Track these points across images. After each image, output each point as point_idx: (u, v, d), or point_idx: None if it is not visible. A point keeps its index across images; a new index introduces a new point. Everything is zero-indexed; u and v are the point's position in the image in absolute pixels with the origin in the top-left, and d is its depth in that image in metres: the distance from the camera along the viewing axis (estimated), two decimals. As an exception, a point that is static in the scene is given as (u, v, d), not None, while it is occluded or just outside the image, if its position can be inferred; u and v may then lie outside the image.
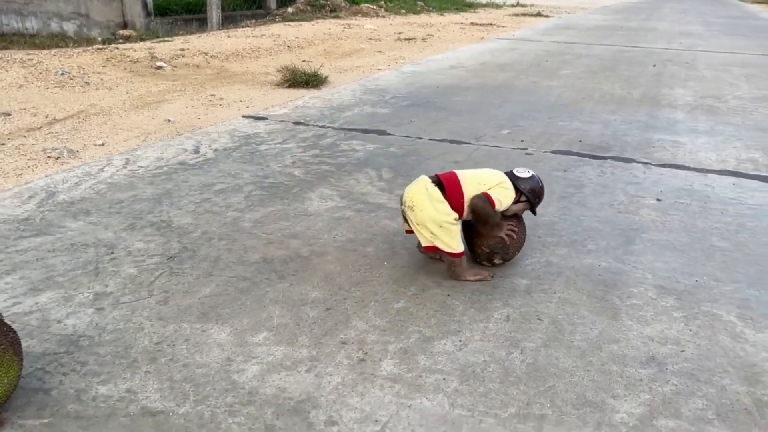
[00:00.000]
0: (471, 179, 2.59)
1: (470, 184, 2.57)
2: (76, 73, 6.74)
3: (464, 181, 2.58)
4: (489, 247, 2.66)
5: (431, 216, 2.52)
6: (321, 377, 1.99)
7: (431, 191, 2.54)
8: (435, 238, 2.54)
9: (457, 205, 2.55)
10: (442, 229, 2.51)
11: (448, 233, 2.52)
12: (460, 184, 2.57)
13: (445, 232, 2.52)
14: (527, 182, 2.66)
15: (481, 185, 2.56)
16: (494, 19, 16.62)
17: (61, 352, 2.07)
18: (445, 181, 2.58)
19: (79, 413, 1.79)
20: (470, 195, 2.54)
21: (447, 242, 2.53)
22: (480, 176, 2.62)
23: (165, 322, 2.26)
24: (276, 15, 15.23)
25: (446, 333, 2.25)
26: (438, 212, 2.52)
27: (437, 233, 2.52)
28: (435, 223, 2.51)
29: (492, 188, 2.57)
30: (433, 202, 2.52)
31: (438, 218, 2.51)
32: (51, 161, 3.99)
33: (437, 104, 6.08)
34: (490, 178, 2.61)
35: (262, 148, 4.44)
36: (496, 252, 2.67)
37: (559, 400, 1.91)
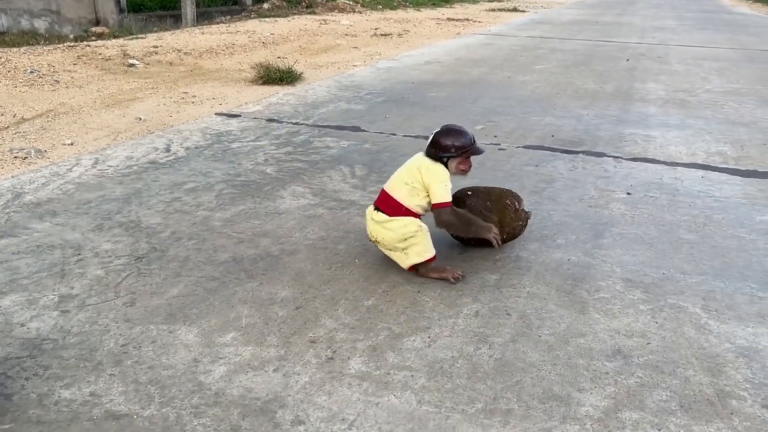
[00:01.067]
0: (397, 185, 2.56)
1: (400, 191, 2.54)
2: (46, 72, 6.63)
3: (395, 192, 2.56)
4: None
5: (393, 238, 2.51)
6: (289, 377, 1.98)
7: (377, 218, 2.55)
8: (407, 253, 2.53)
9: (407, 212, 2.53)
10: (409, 240, 2.50)
11: (416, 241, 2.50)
12: (394, 199, 2.54)
13: (412, 242, 2.50)
14: (434, 145, 2.55)
15: (408, 185, 2.53)
16: (471, 15, 16.65)
17: (23, 356, 2.03)
18: (382, 204, 2.58)
19: (41, 418, 1.76)
20: (408, 200, 2.52)
21: (419, 252, 2.52)
22: (400, 176, 2.58)
23: (131, 324, 2.23)
24: (251, 11, 15.10)
25: (415, 330, 2.25)
26: (395, 230, 2.50)
27: (406, 247, 2.52)
28: (400, 240, 2.51)
29: (429, 188, 2.51)
30: (385, 227, 2.52)
31: (399, 235, 2.50)
32: (18, 161, 3.92)
33: (412, 100, 6.08)
34: (410, 175, 2.55)
35: (235, 146, 4.40)
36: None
37: (526, 394, 1.92)
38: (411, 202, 2.54)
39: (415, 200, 2.54)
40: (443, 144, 2.54)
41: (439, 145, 2.54)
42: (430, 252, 2.55)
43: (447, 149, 2.54)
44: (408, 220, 2.52)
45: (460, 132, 2.58)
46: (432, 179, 2.51)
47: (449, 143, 2.54)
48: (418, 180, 2.52)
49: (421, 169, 2.54)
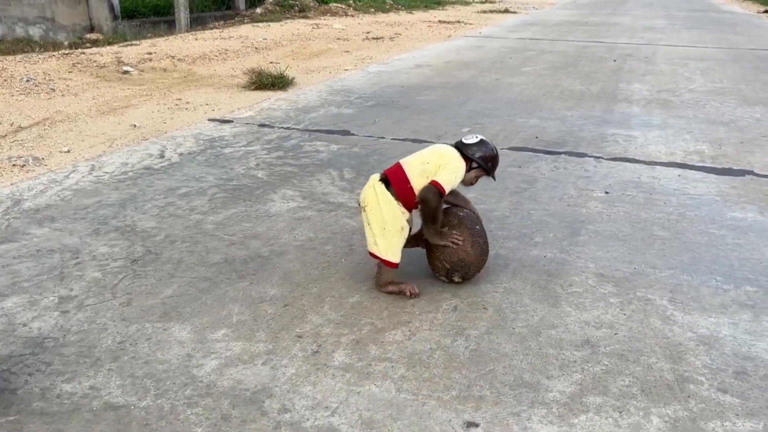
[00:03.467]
0: (414, 162, 2.57)
1: (414, 168, 2.54)
2: (42, 80, 6.75)
3: (408, 168, 2.55)
4: (450, 263, 2.59)
5: (378, 218, 2.54)
6: (276, 369, 2.11)
7: (378, 190, 2.56)
8: (378, 239, 2.56)
9: (407, 195, 2.53)
10: (385, 232, 2.53)
11: (390, 237, 2.54)
12: (404, 173, 2.54)
13: (387, 235, 2.53)
14: (475, 148, 2.59)
15: (425, 164, 2.53)
16: (462, 17, 16.81)
17: (26, 353, 2.16)
18: (390, 175, 2.58)
19: (44, 410, 1.89)
20: (416, 179, 2.52)
21: (385, 248, 2.54)
22: (422, 156, 2.59)
23: (128, 323, 2.36)
24: (245, 16, 15.23)
25: (397, 324, 2.39)
26: (384, 213, 2.53)
27: (379, 236, 2.54)
28: (380, 225, 2.54)
29: (439, 170, 2.51)
30: (381, 204, 2.54)
31: (383, 220, 2.53)
32: (16, 169, 4.04)
33: (401, 104, 6.22)
34: (432, 155, 2.57)
35: (227, 151, 4.53)
36: (456, 270, 2.60)
37: (498, 382, 2.06)
38: (418, 182, 2.52)
39: (422, 181, 2.51)
40: (486, 155, 2.60)
41: (482, 155, 2.59)
42: (395, 257, 2.55)
43: (486, 160, 2.61)
44: (399, 214, 2.53)
45: (497, 152, 2.68)
46: (450, 165, 2.53)
47: (488, 156, 2.62)
48: (435, 163, 2.53)
49: (443, 155, 2.56)
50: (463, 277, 2.64)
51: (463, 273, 2.63)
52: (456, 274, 2.63)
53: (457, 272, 2.62)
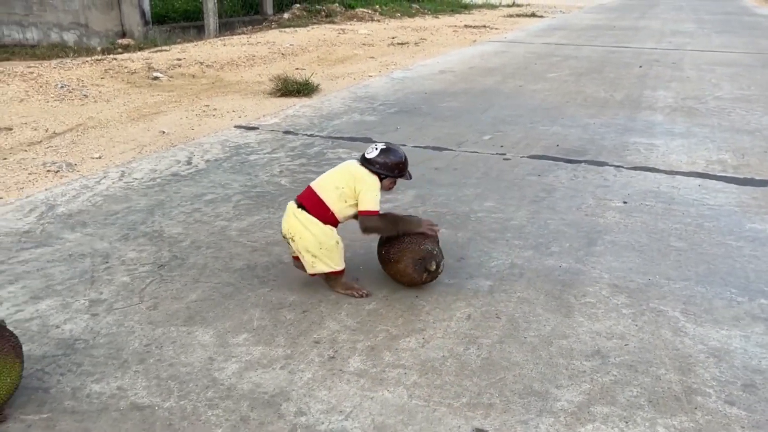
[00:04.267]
0: (328, 187, 2.63)
1: (330, 194, 2.60)
2: (75, 86, 6.97)
3: (323, 193, 2.62)
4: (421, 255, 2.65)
5: (310, 242, 2.59)
6: (294, 373, 2.20)
7: (300, 217, 2.61)
8: (316, 261, 2.62)
9: (327, 218, 2.60)
10: (323, 251, 2.60)
11: (329, 253, 2.61)
12: (319, 198, 2.61)
13: (326, 252, 2.60)
14: (379, 161, 2.63)
15: (340, 189, 2.60)
16: (488, 21, 16.81)
17: (58, 354, 2.28)
18: (305, 201, 2.65)
19: (75, 408, 2.00)
20: (335, 204, 2.59)
21: (328, 263, 2.62)
22: (333, 180, 2.65)
23: (154, 326, 2.47)
24: (272, 21, 15.45)
25: (411, 331, 2.46)
26: (315, 236, 2.59)
27: (319, 255, 2.60)
28: (316, 246, 2.60)
29: (359, 195, 2.58)
30: (307, 227, 2.59)
31: (317, 241, 2.58)
32: (51, 175, 4.21)
33: (423, 110, 6.29)
34: (344, 178, 2.62)
35: (252, 158, 4.65)
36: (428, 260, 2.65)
37: (508, 390, 2.11)
38: (336, 207, 2.60)
39: (341, 206, 2.60)
40: (389, 164, 2.63)
41: (385, 165, 2.63)
42: (339, 265, 2.65)
43: (391, 169, 2.64)
44: (329, 230, 2.60)
45: (401, 154, 2.69)
46: (366, 188, 2.59)
47: (394, 164, 2.64)
48: (350, 186, 2.59)
49: (356, 177, 2.61)
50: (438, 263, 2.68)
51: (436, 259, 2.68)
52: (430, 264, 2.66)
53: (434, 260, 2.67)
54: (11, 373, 1.91)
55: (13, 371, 1.92)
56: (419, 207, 3.71)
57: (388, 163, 2.64)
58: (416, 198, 3.86)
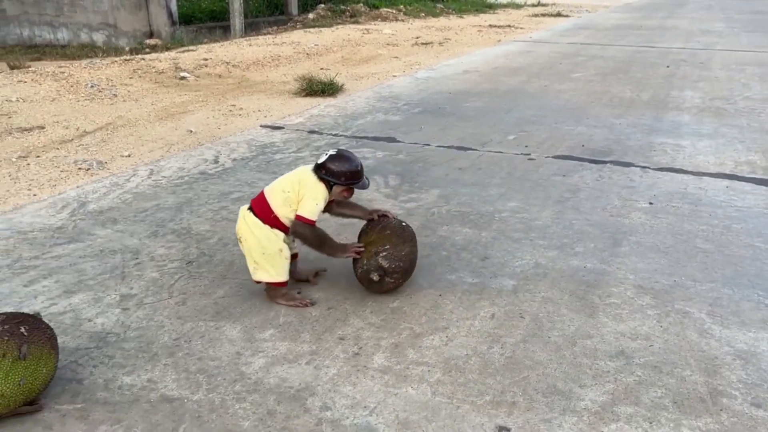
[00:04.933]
0: (276, 191, 2.58)
1: (276, 197, 2.56)
2: (105, 86, 7.10)
3: (271, 197, 2.57)
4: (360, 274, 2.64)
5: (254, 245, 2.56)
6: (319, 369, 2.23)
7: (248, 219, 2.58)
8: (258, 267, 2.58)
9: (274, 223, 2.56)
10: (266, 257, 2.55)
11: (272, 260, 2.56)
12: (266, 201, 2.57)
13: (268, 259, 2.56)
14: (328, 168, 2.57)
15: (286, 193, 2.55)
16: (513, 21, 16.73)
17: (91, 347, 2.34)
18: (255, 205, 2.61)
19: (107, 400, 2.06)
20: (279, 208, 2.55)
21: (269, 271, 2.57)
22: (282, 184, 2.60)
23: (183, 321, 2.52)
24: (297, 21, 15.56)
25: (435, 330, 2.48)
26: (258, 240, 2.55)
27: (260, 261, 2.57)
28: (258, 251, 2.56)
29: (302, 200, 2.54)
30: (253, 230, 2.56)
31: (260, 246, 2.55)
32: (82, 172, 4.31)
33: (447, 110, 6.30)
34: (291, 183, 2.57)
35: (278, 157, 4.71)
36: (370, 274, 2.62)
37: (531, 389, 2.12)
38: (282, 212, 2.55)
39: (286, 210, 2.55)
40: (336, 171, 2.56)
41: (332, 171, 2.56)
42: (281, 277, 2.59)
43: (338, 177, 2.56)
44: (274, 236, 2.55)
45: (353, 162, 2.61)
46: (308, 194, 2.54)
47: (342, 171, 2.56)
48: (295, 191, 2.55)
49: (302, 182, 2.56)
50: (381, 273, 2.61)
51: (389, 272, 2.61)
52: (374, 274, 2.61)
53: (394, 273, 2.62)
54: (47, 364, 1.97)
55: (49, 362, 1.98)
56: (443, 206, 3.73)
57: (336, 170, 2.56)
58: (440, 198, 3.88)
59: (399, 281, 2.68)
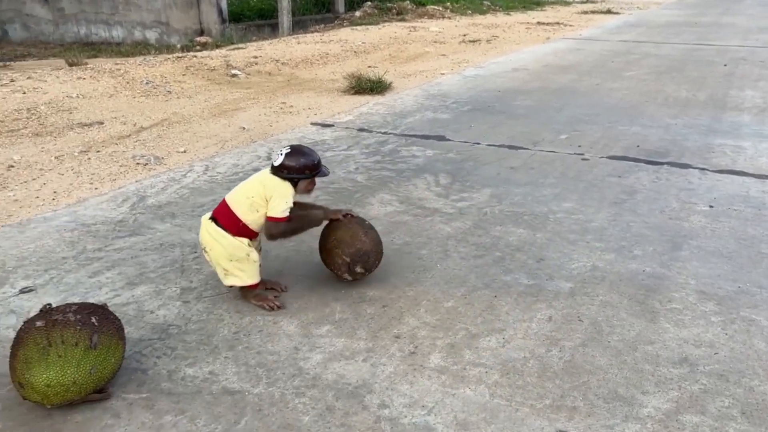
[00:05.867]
0: (240, 198, 2.56)
1: (241, 205, 2.54)
2: (159, 82, 7.27)
3: (235, 206, 2.55)
4: (348, 255, 2.66)
5: (221, 254, 2.54)
6: (376, 366, 2.24)
7: (211, 229, 2.56)
8: (227, 273, 2.57)
9: (242, 230, 2.54)
10: (234, 263, 2.54)
11: (240, 265, 2.54)
12: (231, 210, 2.55)
13: (237, 265, 2.54)
14: (287, 167, 2.57)
15: (251, 198, 2.53)
16: (562, 18, 16.46)
17: (154, 338, 2.41)
18: (218, 215, 2.58)
19: (171, 390, 2.11)
20: (246, 215, 2.53)
21: (240, 275, 2.56)
22: (245, 190, 2.58)
23: (241, 315, 2.57)
24: (344, 19, 15.63)
25: (491, 331, 2.46)
26: (224, 248, 2.53)
27: (229, 268, 2.55)
28: (226, 259, 2.54)
29: (270, 202, 2.52)
30: (217, 240, 2.54)
31: (227, 254, 2.53)
32: (140, 167, 4.42)
33: (497, 108, 6.24)
34: (255, 188, 2.56)
35: (329, 154, 4.74)
36: (357, 261, 2.67)
37: (592, 394, 2.09)
38: (249, 218, 2.53)
39: (253, 216, 2.53)
40: (297, 166, 2.56)
41: (294, 168, 2.56)
42: (252, 279, 2.58)
43: (301, 171, 2.57)
44: (239, 243, 2.53)
45: (309, 154, 2.62)
46: (275, 194, 2.53)
47: (304, 165, 2.57)
48: (260, 194, 2.53)
49: (265, 184, 2.55)
50: (365, 267, 2.71)
51: (364, 263, 2.69)
52: (358, 265, 2.68)
53: (358, 263, 2.68)
54: (115, 354, 2.04)
55: (117, 352, 2.04)
56: (495, 206, 3.70)
57: (297, 165, 2.57)
58: (492, 197, 3.85)
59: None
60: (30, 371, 1.87)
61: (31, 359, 1.88)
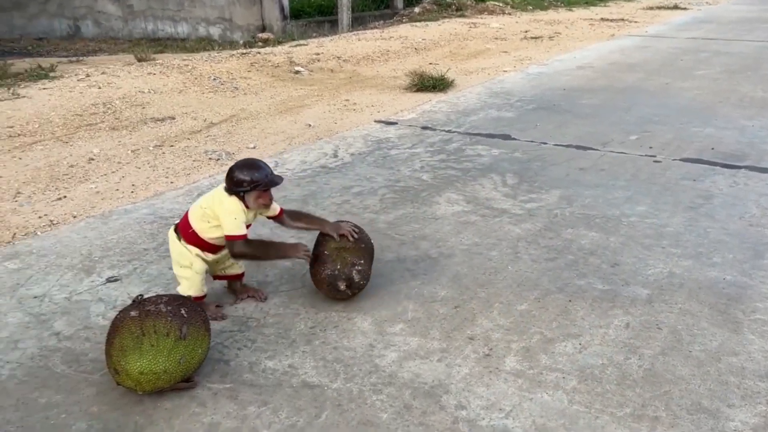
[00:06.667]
0: (196, 206, 2.54)
1: (195, 212, 2.51)
2: (226, 79, 7.45)
3: (191, 212, 2.53)
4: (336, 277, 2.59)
5: (173, 260, 2.57)
6: (451, 367, 2.25)
7: (169, 237, 2.58)
8: (178, 280, 2.57)
9: (193, 239, 2.50)
10: (181, 270, 2.53)
11: (185, 274, 2.53)
12: (188, 220, 2.52)
13: (183, 272, 2.53)
14: (227, 181, 2.49)
15: (204, 209, 2.49)
16: (626, 14, 16.02)
17: (234, 330, 2.48)
18: (180, 222, 2.58)
19: (253, 382, 2.18)
20: (196, 223, 2.49)
21: (184, 284, 2.54)
22: (203, 200, 2.56)
23: (317, 310, 2.62)
24: (403, 15, 15.63)
25: (567, 336, 2.43)
26: (172, 255, 2.56)
27: (177, 274, 2.56)
28: (176, 265, 2.56)
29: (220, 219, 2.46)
30: (170, 247, 2.57)
31: (174, 261, 2.56)
32: (212, 162, 4.55)
33: (563, 107, 6.14)
34: (208, 200, 2.52)
35: (393, 152, 4.77)
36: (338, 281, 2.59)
37: (674, 404, 2.05)
38: (199, 225, 2.49)
39: (204, 225, 2.49)
40: (237, 179, 2.46)
41: (233, 180, 2.47)
42: (194, 291, 2.54)
43: (240, 184, 2.46)
44: (186, 252, 2.51)
45: (254, 166, 2.50)
46: (222, 212, 2.46)
47: (242, 178, 2.45)
48: (211, 208, 2.49)
49: (215, 199, 2.50)
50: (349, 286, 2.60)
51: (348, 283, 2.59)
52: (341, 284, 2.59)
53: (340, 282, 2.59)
54: (202, 345, 2.11)
55: (204, 342, 2.12)
56: (566, 208, 3.65)
57: (236, 179, 2.46)
58: (562, 199, 3.80)
59: (352, 296, 2.67)
60: (125, 359, 1.97)
61: (126, 347, 1.97)
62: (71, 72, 7.35)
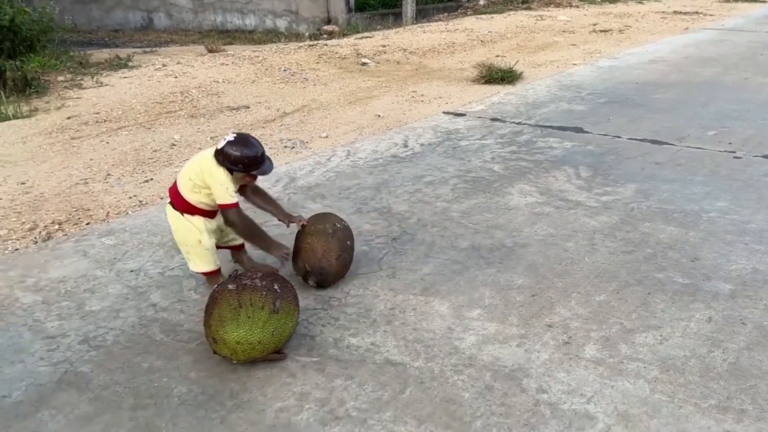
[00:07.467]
0: (183, 178, 2.53)
1: (184, 184, 2.51)
2: (296, 70, 7.62)
3: (180, 182, 2.53)
4: (311, 267, 2.65)
5: (177, 237, 2.57)
6: (530, 353, 2.29)
7: (168, 212, 2.57)
8: (188, 257, 2.59)
9: (189, 208, 2.53)
10: (187, 247, 2.55)
11: (194, 250, 2.55)
12: (179, 191, 2.53)
13: (191, 250, 2.55)
14: (221, 153, 2.46)
15: (191, 180, 2.49)
16: (700, 7, 15.46)
17: (318, 308, 2.59)
18: (170, 193, 2.58)
19: (338, 357, 2.27)
20: (188, 194, 2.50)
21: (195, 261, 2.58)
22: (187, 169, 2.53)
23: (395, 293, 2.70)
24: (467, 8, 15.54)
25: (647, 327, 2.43)
26: (177, 231, 2.56)
27: (186, 252, 2.57)
28: (181, 243, 2.57)
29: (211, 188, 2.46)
30: (172, 223, 2.56)
31: (179, 238, 2.57)
32: (287, 150, 4.69)
33: (636, 101, 6.02)
34: (194, 169, 2.50)
35: (463, 143, 4.80)
36: (314, 275, 2.65)
37: (761, 399, 2.03)
38: (193, 198, 2.51)
39: (197, 197, 2.51)
40: (233, 158, 2.45)
41: (229, 158, 2.45)
42: (208, 266, 2.57)
43: (235, 164, 2.45)
44: (190, 226, 2.53)
45: (251, 147, 2.49)
46: (212, 182, 2.46)
47: (239, 158, 2.45)
48: (200, 178, 2.48)
49: (203, 168, 2.48)
50: (319, 283, 2.67)
51: (319, 280, 2.67)
52: (312, 279, 2.67)
53: (314, 277, 2.66)
54: (292, 319, 2.22)
55: (293, 317, 2.23)
56: (642, 202, 3.60)
57: (233, 157, 2.45)
58: (638, 192, 3.75)
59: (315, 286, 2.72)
60: (224, 328, 2.09)
61: (224, 318, 2.09)
62: (147, 62, 7.66)
